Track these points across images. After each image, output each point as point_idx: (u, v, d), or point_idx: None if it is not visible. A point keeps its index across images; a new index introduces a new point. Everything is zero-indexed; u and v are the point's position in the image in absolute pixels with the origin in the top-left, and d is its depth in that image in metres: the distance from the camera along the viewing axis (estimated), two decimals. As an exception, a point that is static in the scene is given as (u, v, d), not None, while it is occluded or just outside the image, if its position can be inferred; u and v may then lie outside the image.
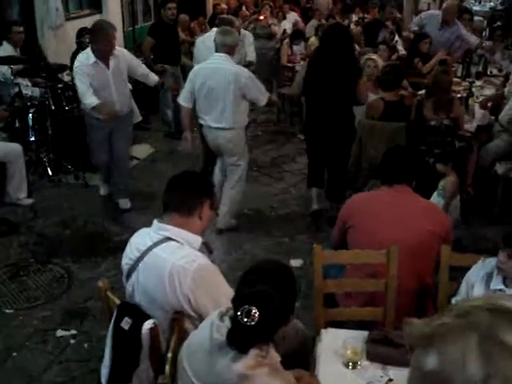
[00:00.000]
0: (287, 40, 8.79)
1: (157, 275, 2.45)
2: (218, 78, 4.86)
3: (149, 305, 2.51)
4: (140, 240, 2.61)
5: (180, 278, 2.40)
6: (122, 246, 2.73)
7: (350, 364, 2.49)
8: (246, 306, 1.95)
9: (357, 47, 7.85)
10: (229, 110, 4.92)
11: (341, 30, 5.21)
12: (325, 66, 5.00)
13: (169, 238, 2.52)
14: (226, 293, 2.42)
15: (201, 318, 2.42)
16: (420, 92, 6.14)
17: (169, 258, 2.44)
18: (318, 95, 5.09)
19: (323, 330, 2.75)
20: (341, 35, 5.03)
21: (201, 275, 2.42)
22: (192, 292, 2.40)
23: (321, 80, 5.02)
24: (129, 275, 2.61)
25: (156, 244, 2.51)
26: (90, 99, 5.15)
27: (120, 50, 5.48)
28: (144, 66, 5.87)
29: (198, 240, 2.58)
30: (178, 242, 2.52)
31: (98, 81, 5.21)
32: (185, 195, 2.61)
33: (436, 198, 4.41)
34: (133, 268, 2.57)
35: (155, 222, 2.62)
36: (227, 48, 4.96)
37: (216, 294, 2.45)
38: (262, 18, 9.39)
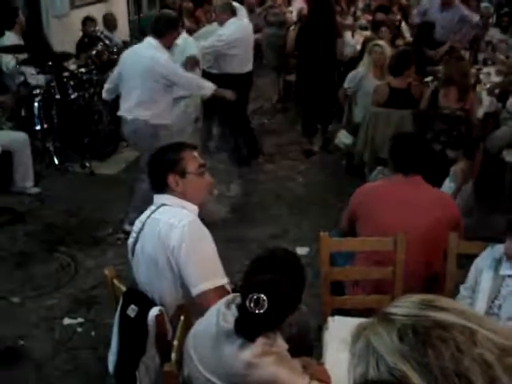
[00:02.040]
0: (293, 27, 8.72)
1: (152, 236, 2.55)
2: None
3: (151, 278, 2.57)
4: (142, 215, 2.70)
5: (167, 233, 2.48)
6: (127, 234, 2.75)
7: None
8: (255, 294, 1.94)
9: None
10: None
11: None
12: (312, 27, 6.35)
13: (164, 204, 2.63)
14: (211, 254, 2.53)
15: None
16: (427, 79, 6.08)
17: (161, 218, 2.55)
18: (309, 49, 6.46)
19: (330, 318, 2.74)
20: (324, 3, 6.35)
21: (188, 231, 2.48)
22: (179, 247, 2.46)
23: (310, 38, 6.38)
24: (133, 250, 2.68)
25: (153, 212, 2.62)
26: (207, 83, 4.75)
27: None
28: None
29: (193, 207, 2.65)
30: (172, 206, 2.62)
31: None
32: (153, 176, 2.73)
33: (448, 184, 4.40)
34: (136, 240, 2.66)
35: (154, 195, 2.73)
36: None
37: (201, 253, 2.51)
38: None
